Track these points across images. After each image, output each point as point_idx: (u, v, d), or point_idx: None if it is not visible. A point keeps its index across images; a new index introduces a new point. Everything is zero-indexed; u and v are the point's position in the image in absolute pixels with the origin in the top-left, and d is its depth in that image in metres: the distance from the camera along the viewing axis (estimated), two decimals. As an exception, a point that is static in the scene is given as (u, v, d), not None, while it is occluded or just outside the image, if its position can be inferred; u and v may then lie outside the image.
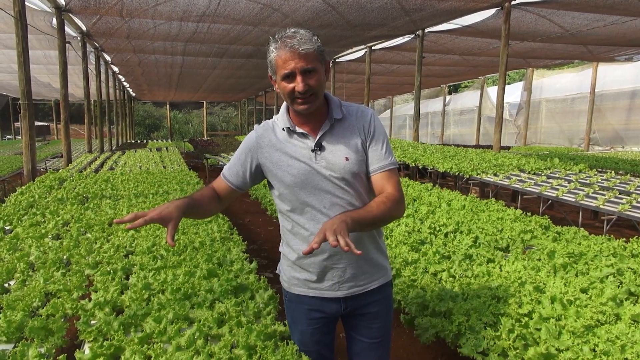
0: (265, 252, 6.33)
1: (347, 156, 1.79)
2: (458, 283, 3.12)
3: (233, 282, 2.91)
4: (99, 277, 3.11)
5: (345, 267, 1.87)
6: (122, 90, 25.09)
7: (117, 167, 9.54)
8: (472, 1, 9.27)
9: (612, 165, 10.41)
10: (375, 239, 1.96)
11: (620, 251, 3.76)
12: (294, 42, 1.67)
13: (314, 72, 1.71)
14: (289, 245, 1.97)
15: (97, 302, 2.69)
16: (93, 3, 9.39)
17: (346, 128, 1.84)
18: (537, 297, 2.79)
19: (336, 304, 1.93)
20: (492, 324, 2.57)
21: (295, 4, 9.68)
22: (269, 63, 1.77)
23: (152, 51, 14.86)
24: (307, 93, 1.70)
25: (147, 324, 2.47)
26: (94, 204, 5.44)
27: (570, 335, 2.34)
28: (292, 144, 1.83)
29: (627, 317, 2.59)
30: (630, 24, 10.78)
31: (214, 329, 2.44)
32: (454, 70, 19.96)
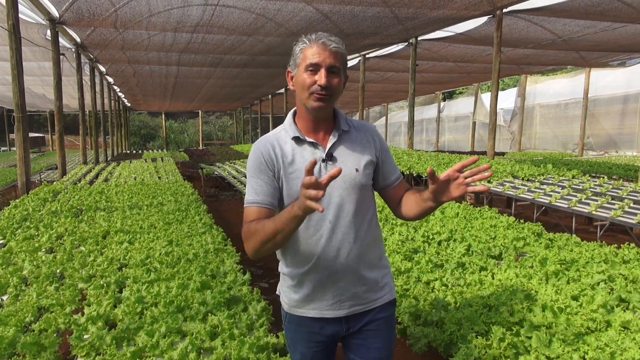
0: (260, 262, 6.31)
1: (357, 167, 1.78)
2: (450, 292, 3.13)
3: (226, 294, 2.91)
4: (92, 291, 3.12)
5: (347, 285, 1.80)
6: (117, 101, 25.10)
7: (111, 179, 9.53)
8: (464, 9, 9.34)
9: (606, 170, 10.47)
10: (380, 255, 1.92)
11: (611, 257, 3.78)
12: (328, 39, 1.68)
13: (337, 73, 1.70)
14: (289, 262, 1.87)
15: (90, 316, 2.69)
16: (87, 15, 9.42)
17: (354, 140, 1.83)
18: (528, 305, 2.80)
19: (337, 324, 1.85)
20: (484, 333, 2.58)
21: (288, 13, 9.73)
22: (293, 55, 1.74)
23: (146, 62, 14.89)
24: (327, 90, 1.68)
25: (139, 337, 2.48)
26: (88, 217, 5.44)
27: (561, 344, 2.36)
28: (301, 155, 1.77)
29: (617, 324, 2.61)
30: (621, 30, 10.87)
31: (206, 341, 2.45)
32: (448, 77, 20.05)
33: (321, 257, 1.77)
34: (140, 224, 4.99)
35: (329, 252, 1.76)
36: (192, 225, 4.95)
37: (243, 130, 38.26)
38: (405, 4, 9.07)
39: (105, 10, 9.22)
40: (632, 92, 16.49)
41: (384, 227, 4.96)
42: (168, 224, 5.01)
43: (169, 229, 4.73)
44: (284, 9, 9.39)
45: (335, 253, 1.76)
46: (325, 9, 9.38)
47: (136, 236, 4.49)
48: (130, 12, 9.37)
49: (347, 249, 1.77)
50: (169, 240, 4.28)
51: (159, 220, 5.12)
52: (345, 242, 1.77)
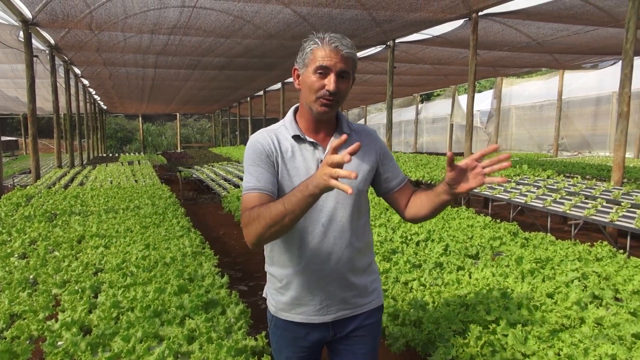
0: (239, 265, 6.28)
1: (357, 172, 1.70)
2: (428, 292, 3.15)
3: (204, 297, 2.89)
4: (66, 297, 3.06)
5: (335, 290, 1.77)
6: (92, 104, 24.72)
7: (87, 182, 9.38)
8: (441, 12, 9.44)
9: (580, 170, 10.68)
10: (371, 260, 1.89)
11: (585, 255, 3.86)
12: (340, 43, 1.63)
13: (346, 78, 1.67)
14: (277, 262, 1.83)
15: (64, 322, 2.64)
16: (61, 16, 9.26)
17: (354, 143, 1.80)
18: (504, 304, 2.84)
19: (324, 330, 1.83)
20: (462, 332, 2.61)
21: (266, 15, 9.71)
22: (302, 54, 1.69)
23: (123, 64, 14.70)
24: (334, 95, 1.64)
25: (115, 343, 2.44)
26: (63, 221, 5.34)
27: (536, 341, 2.39)
28: (300, 153, 1.73)
29: (590, 320, 2.66)
30: (593, 33, 11.12)
31: (184, 346, 2.42)
32: (426, 80, 20.24)
33: (311, 260, 1.74)
34: (117, 228, 4.92)
35: (320, 256, 1.73)
36: (170, 228, 4.90)
37: (222, 133, 38.03)
38: (383, 7, 9.13)
39: (79, 12, 9.08)
40: (604, 94, 16.86)
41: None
42: (145, 227, 4.95)
43: (145, 233, 4.68)
44: (262, 11, 9.37)
45: (326, 257, 1.73)
46: (303, 12, 9.39)
47: (112, 240, 4.43)
48: (106, 13, 9.24)
49: (339, 254, 1.74)
50: (145, 244, 4.22)
51: (135, 224, 5.06)
52: (337, 246, 1.74)
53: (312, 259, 1.74)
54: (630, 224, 4.95)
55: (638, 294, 3.04)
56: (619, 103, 6.77)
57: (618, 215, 5.25)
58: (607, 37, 11.39)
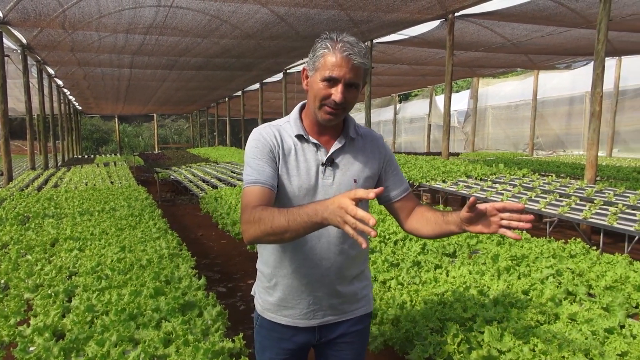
0: (218, 266, 6.23)
1: (356, 178, 1.71)
2: (406, 290, 3.17)
3: (180, 299, 2.85)
4: (39, 301, 2.99)
5: (323, 295, 1.74)
6: (67, 104, 24.28)
7: (61, 184, 9.21)
8: (417, 13, 9.52)
9: (554, 168, 10.86)
10: (364, 268, 1.86)
11: (559, 252, 3.93)
12: (353, 50, 1.56)
13: (355, 88, 1.62)
14: (269, 262, 1.80)
15: (36, 327, 2.58)
16: (33, 15, 9.08)
17: (359, 149, 1.76)
18: (481, 301, 2.87)
19: (309, 333, 1.80)
20: (439, 330, 2.62)
21: (244, 15, 9.66)
22: (313, 56, 1.62)
23: (97, 64, 14.47)
24: (341, 106, 1.60)
25: (89, 347, 2.39)
26: (36, 224, 5.23)
27: (512, 337, 2.42)
28: (302, 153, 1.70)
29: (564, 316, 2.71)
30: (566, 34, 11.33)
31: (160, 349, 2.39)
32: (403, 80, 20.39)
33: (302, 263, 1.71)
34: (92, 230, 4.84)
35: (311, 260, 1.71)
36: (146, 230, 4.83)
37: (200, 133, 37.74)
38: (360, 7, 9.17)
39: (52, 11, 8.90)
40: (577, 94, 17.19)
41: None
42: (121, 229, 4.88)
43: (121, 235, 4.61)
44: (239, 10, 9.32)
45: (317, 262, 1.71)
46: (280, 11, 9.37)
47: (87, 243, 4.35)
48: (80, 12, 9.09)
49: (330, 261, 1.71)
50: (121, 246, 4.16)
51: (111, 226, 4.98)
52: (330, 253, 1.71)
53: (303, 263, 1.71)
54: (602, 221, 5.05)
55: (610, 290, 3.10)
56: (591, 103, 6.91)
57: (591, 213, 5.35)
58: (579, 38, 11.63)
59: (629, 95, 15.57)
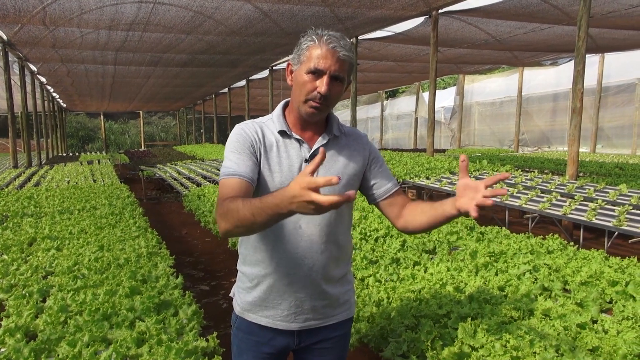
0: (202, 265, 6.21)
1: (340, 175, 1.63)
2: (383, 287, 3.17)
3: (156, 299, 2.83)
4: (12, 302, 2.95)
5: (305, 297, 1.71)
6: (51, 101, 24.00)
7: (43, 183, 9.10)
8: (401, 10, 9.53)
9: (539, 165, 10.96)
10: (347, 270, 1.84)
11: (537, 248, 3.95)
12: (339, 43, 1.56)
13: (340, 82, 1.61)
14: (249, 261, 1.77)
15: (8, 328, 2.55)
16: (12, 11, 8.95)
17: (343, 147, 1.75)
18: (456, 298, 2.88)
19: (289, 337, 1.76)
20: (414, 327, 2.63)
21: (227, 11, 9.61)
22: (298, 49, 1.62)
23: (80, 60, 14.31)
24: (326, 99, 1.59)
25: (61, 348, 2.37)
26: (14, 223, 5.17)
27: (485, 333, 2.43)
28: (284, 149, 1.68)
29: (539, 312, 2.73)
30: (549, 31, 11.41)
31: (132, 349, 2.37)
32: (390, 77, 20.41)
33: (284, 262, 1.68)
34: (70, 229, 4.79)
35: (293, 259, 1.68)
36: (126, 229, 4.79)
37: (187, 130, 37.51)
38: (344, 4, 9.15)
39: (32, 7, 8.79)
40: (561, 91, 17.34)
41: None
42: (100, 228, 4.83)
43: (100, 234, 4.56)
44: (222, 7, 9.26)
45: (299, 261, 1.68)
46: (264, 7, 9.33)
47: (65, 242, 4.30)
48: (60, 9, 8.98)
49: (313, 260, 1.68)
50: (100, 245, 4.12)
51: (90, 225, 4.93)
52: (312, 251, 1.68)
53: (285, 262, 1.68)
54: (582, 216, 5.10)
55: (585, 285, 3.13)
56: (572, 99, 6.96)
57: (571, 209, 5.40)
58: (562, 35, 11.72)
59: (611, 91, 15.74)
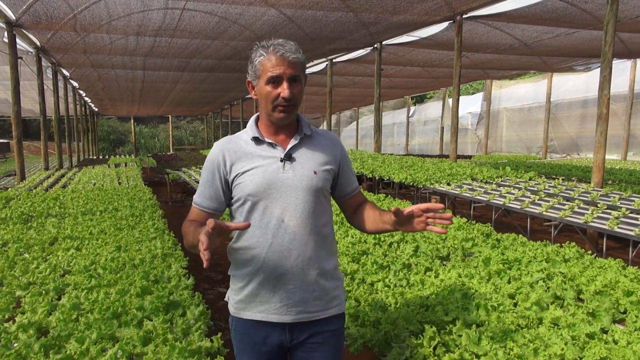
0: (221, 267, 6.26)
1: (315, 170, 1.82)
2: (392, 292, 3.16)
3: (165, 299, 2.88)
4: (28, 299, 3.05)
5: (295, 289, 1.79)
6: (83, 105, 24.63)
7: (70, 185, 9.35)
8: (425, 15, 9.47)
9: (566, 172, 10.72)
10: (334, 265, 1.92)
11: (553, 256, 3.88)
12: (284, 49, 1.72)
13: (298, 81, 1.76)
14: (238, 263, 1.88)
15: (21, 324, 2.63)
16: (45, 18, 9.24)
17: (316, 145, 1.88)
18: (464, 304, 2.85)
19: (281, 332, 1.83)
20: (419, 332, 2.61)
21: (251, 17, 9.72)
22: (252, 66, 1.78)
23: (111, 66, 14.67)
24: (290, 101, 1.73)
25: (70, 344, 2.43)
26: (38, 223, 5.32)
27: (489, 341, 2.40)
28: (259, 153, 1.81)
29: (547, 320, 2.68)
30: (577, 35, 11.18)
31: (138, 347, 2.41)
32: (416, 82, 20.27)
33: (271, 257, 1.77)
34: (91, 230, 4.91)
35: (279, 252, 1.77)
36: (144, 230, 4.88)
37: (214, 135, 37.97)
38: (367, 9, 9.16)
39: (64, 14, 9.06)
40: (591, 96, 16.95)
41: (338, 230, 4.97)
42: (119, 229, 4.94)
43: (119, 235, 4.66)
44: (247, 12, 9.37)
45: (286, 253, 1.77)
46: (288, 13, 9.41)
47: (84, 242, 4.42)
48: (90, 16, 9.23)
49: (298, 251, 1.78)
50: (117, 245, 4.21)
51: (110, 226, 5.04)
52: (297, 243, 1.77)
53: (272, 256, 1.78)
54: (603, 225, 4.98)
55: (600, 294, 3.05)
56: (599, 105, 6.80)
57: (593, 217, 5.27)
58: (591, 40, 11.47)
59: (644, 97, 15.31)
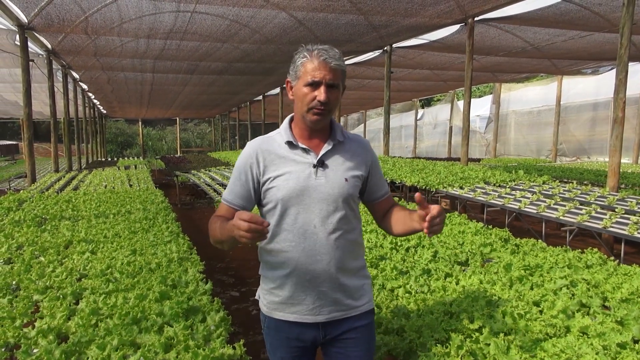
0: (232, 270, 6.24)
1: (347, 177, 1.84)
2: (413, 299, 3.11)
3: (184, 304, 2.85)
4: (46, 303, 3.02)
5: (327, 290, 1.84)
6: (92, 108, 24.73)
7: (81, 187, 9.35)
8: (436, 17, 9.43)
9: (577, 175, 10.62)
10: (362, 265, 1.97)
11: (575, 262, 3.81)
12: (328, 55, 1.74)
13: (336, 88, 1.78)
14: (270, 265, 1.91)
15: (41, 329, 2.60)
16: (57, 21, 9.27)
17: (347, 151, 1.90)
18: (489, 312, 2.79)
19: (315, 330, 1.88)
20: (444, 341, 2.56)
21: (262, 20, 9.71)
22: (294, 67, 1.80)
23: (121, 68, 14.72)
24: (326, 105, 1.76)
25: (91, 351, 2.40)
26: (52, 226, 5.31)
27: (519, 350, 2.35)
28: (292, 158, 1.84)
29: (576, 329, 2.62)
30: (590, 39, 11.09)
31: (160, 354, 2.38)
32: (425, 85, 20.21)
33: (303, 261, 1.81)
34: (105, 233, 4.88)
35: (311, 256, 1.81)
36: (158, 234, 4.85)
37: (221, 137, 38.03)
38: (378, 12, 9.12)
39: (75, 17, 9.08)
40: (601, 100, 16.82)
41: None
42: (133, 232, 4.91)
43: (133, 238, 4.64)
44: (258, 15, 9.36)
45: (318, 257, 1.81)
46: (299, 16, 9.39)
47: (99, 246, 4.39)
48: (101, 18, 9.25)
49: (329, 256, 1.81)
50: (132, 249, 4.18)
51: (124, 229, 5.02)
52: (328, 247, 1.81)
53: (304, 260, 1.81)
54: (623, 230, 4.90)
55: (626, 302, 2.99)
56: (614, 108, 6.73)
57: (611, 222, 5.20)
58: (603, 43, 11.38)
59: (656, 101, 15.16)
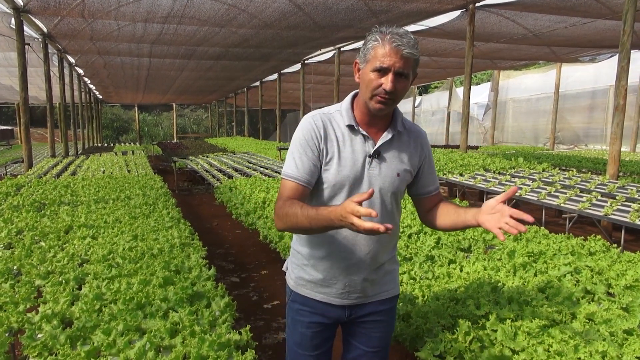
0: (232, 256, 6.23)
1: (399, 172, 1.81)
2: (418, 285, 3.10)
3: (189, 289, 2.83)
4: (49, 288, 3.00)
5: (359, 279, 1.85)
6: (87, 93, 24.54)
7: (79, 172, 9.29)
8: (437, 3, 9.34)
9: (576, 163, 10.63)
10: (394, 253, 1.98)
11: (578, 249, 3.81)
12: (402, 41, 1.62)
13: (406, 78, 1.67)
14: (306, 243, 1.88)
15: (45, 314, 2.58)
16: (53, 4, 9.13)
17: (404, 143, 1.85)
18: (495, 298, 2.79)
19: (340, 310, 1.91)
20: (450, 327, 2.56)
21: (261, 5, 9.60)
22: (364, 49, 1.70)
23: (117, 53, 14.56)
24: (391, 95, 1.67)
25: (96, 336, 2.38)
26: (51, 211, 5.27)
27: (526, 336, 2.34)
28: (350, 143, 1.77)
29: (582, 316, 2.62)
30: (590, 25, 11.03)
31: (166, 339, 2.37)
32: (423, 72, 20.10)
33: (341, 248, 1.81)
34: (105, 218, 4.85)
35: (350, 245, 1.80)
36: (159, 219, 4.83)
37: (218, 123, 37.86)
38: (379, -3, 9.03)
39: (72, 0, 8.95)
40: (599, 88, 16.81)
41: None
42: (134, 218, 4.88)
43: (134, 224, 4.61)
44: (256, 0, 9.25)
45: (358, 248, 1.81)
46: (298, 1, 9.28)
47: (100, 231, 4.36)
48: (99, 1, 9.12)
49: (368, 247, 1.81)
50: (133, 234, 4.16)
51: (124, 215, 4.98)
52: (369, 239, 1.80)
53: (343, 247, 1.81)
54: (624, 217, 4.91)
55: (631, 289, 2.99)
56: (615, 96, 6.71)
57: (612, 209, 5.20)
58: (604, 30, 11.32)
59: (654, 89, 15.14)
